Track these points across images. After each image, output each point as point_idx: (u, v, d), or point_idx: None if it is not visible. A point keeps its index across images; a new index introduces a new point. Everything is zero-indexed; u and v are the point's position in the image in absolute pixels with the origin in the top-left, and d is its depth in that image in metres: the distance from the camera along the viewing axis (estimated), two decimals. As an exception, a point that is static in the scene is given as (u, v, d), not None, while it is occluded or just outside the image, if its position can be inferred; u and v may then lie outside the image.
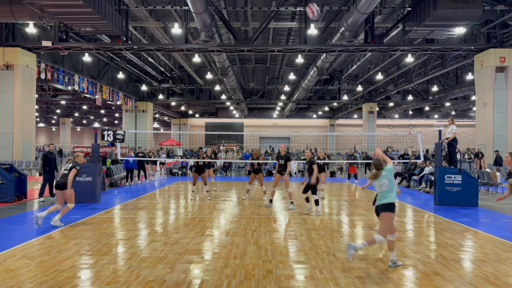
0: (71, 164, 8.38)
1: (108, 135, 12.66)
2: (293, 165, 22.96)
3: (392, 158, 14.86)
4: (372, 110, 39.78)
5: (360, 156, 28.26)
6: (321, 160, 12.58)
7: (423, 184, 14.98)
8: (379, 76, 30.39)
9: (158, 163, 20.85)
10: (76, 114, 52.88)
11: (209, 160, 13.06)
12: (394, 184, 5.52)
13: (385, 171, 5.48)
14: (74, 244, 6.61)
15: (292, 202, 10.65)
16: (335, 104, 44.89)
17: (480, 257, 6.03)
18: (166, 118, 53.97)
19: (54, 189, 8.92)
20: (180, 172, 23.30)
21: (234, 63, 30.40)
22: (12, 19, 15.63)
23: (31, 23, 17.45)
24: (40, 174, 11.98)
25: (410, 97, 37.19)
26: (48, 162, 11.76)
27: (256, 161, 12.26)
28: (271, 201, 11.09)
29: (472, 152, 23.58)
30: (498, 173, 14.78)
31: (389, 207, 5.42)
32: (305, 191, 9.80)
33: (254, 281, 4.90)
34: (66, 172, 8.25)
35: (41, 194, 11.66)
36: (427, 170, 15.01)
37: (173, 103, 41.73)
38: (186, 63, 27.30)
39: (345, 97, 38.62)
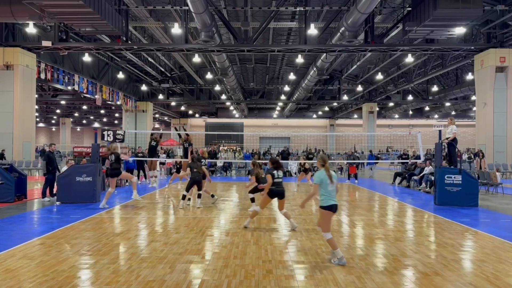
0: (113, 156, 10.62)
1: (108, 135, 12.66)
2: (293, 165, 22.96)
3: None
4: (372, 110, 39.79)
5: (360, 155, 28.26)
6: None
7: (423, 184, 14.98)
8: (379, 76, 30.40)
9: (158, 163, 20.84)
10: (76, 114, 52.89)
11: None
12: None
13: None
14: (74, 244, 6.61)
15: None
16: (335, 104, 44.92)
17: (480, 257, 6.03)
18: (166, 118, 53.97)
19: (107, 178, 10.94)
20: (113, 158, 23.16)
21: (234, 63, 30.41)
22: (12, 19, 15.63)
23: (31, 23, 17.46)
24: (44, 175, 11.95)
25: (410, 97, 37.20)
26: (51, 162, 11.81)
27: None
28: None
29: (472, 152, 23.59)
30: (498, 173, 14.78)
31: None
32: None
33: (254, 281, 4.90)
34: (113, 161, 10.56)
35: (44, 194, 11.67)
36: (427, 170, 15.01)
37: (173, 103, 41.75)
38: (186, 63, 27.30)
39: (345, 97, 38.63)
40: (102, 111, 49.62)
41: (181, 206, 10.62)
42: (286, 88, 37.45)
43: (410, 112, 47.30)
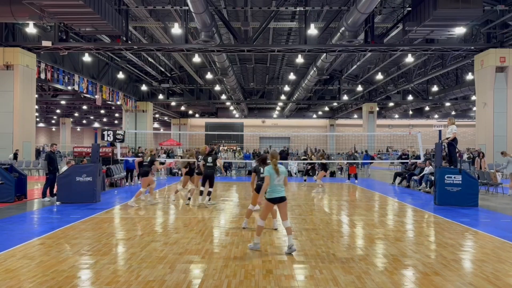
0: (150, 158, 11.06)
1: (108, 135, 12.65)
2: (293, 165, 22.96)
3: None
4: (372, 110, 39.80)
5: (360, 155, 28.26)
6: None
7: (423, 184, 14.98)
8: (379, 76, 30.40)
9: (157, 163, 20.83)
10: (76, 114, 52.89)
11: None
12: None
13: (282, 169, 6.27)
14: (74, 244, 6.61)
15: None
16: (335, 104, 44.92)
17: (480, 257, 6.03)
18: (166, 118, 53.98)
19: (139, 177, 11.38)
20: (180, 172, 23.27)
21: (234, 63, 30.41)
22: (12, 19, 15.62)
23: (31, 23, 17.45)
24: (46, 175, 11.90)
25: (410, 97, 37.20)
26: (52, 162, 11.82)
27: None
28: None
29: (472, 152, 23.59)
30: (498, 173, 14.78)
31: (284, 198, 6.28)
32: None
33: (254, 281, 4.90)
34: (147, 163, 11.05)
35: (44, 194, 11.67)
36: (427, 170, 15.01)
37: (173, 103, 41.76)
38: (186, 63, 27.30)
39: (345, 97, 38.63)
40: (102, 111, 49.62)
41: (202, 202, 10.91)
42: (286, 88, 37.46)
43: (410, 112, 47.31)
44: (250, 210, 7.94)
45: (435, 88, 34.65)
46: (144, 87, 35.00)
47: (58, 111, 49.75)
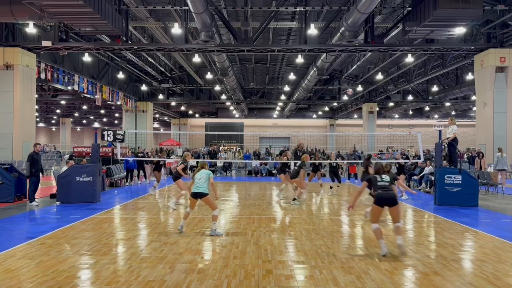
0: (180, 162, 11.02)
1: (108, 135, 12.65)
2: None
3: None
4: (372, 110, 39.79)
5: (361, 155, 28.24)
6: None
7: (423, 184, 14.97)
8: (379, 76, 30.39)
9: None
10: (76, 114, 52.88)
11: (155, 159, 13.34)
12: (207, 180, 7.52)
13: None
14: (74, 244, 6.61)
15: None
16: (335, 104, 44.91)
17: (480, 257, 6.03)
18: (166, 118, 53.97)
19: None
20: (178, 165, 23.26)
21: (234, 63, 30.41)
22: (12, 19, 15.61)
23: (31, 23, 17.44)
24: (28, 177, 11.06)
25: (410, 97, 37.19)
26: (35, 164, 10.91)
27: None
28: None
29: (471, 152, 23.57)
30: (498, 173, 14.78)
31: (205, 194, 7.37)
32: None
33: (254, 281, 4.90)
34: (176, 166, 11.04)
35: (32, 198, 10.84)
36: (427, 170, 15.01)
37: (173, 103, 41.74)
38: (186, 63, 27.30)
39: (345, 97, 38.61)
40: (102, 111, 49.60)
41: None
42: (286, 88, 37.44)
43: (410, 112, 47.29)
44: (379, 230, 6.43)
45: (435, 88, 34.64)
46: (144, 87, 35.00)
47: (58, 111, 49.74)
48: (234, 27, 18.45)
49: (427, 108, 46.16)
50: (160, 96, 37.41)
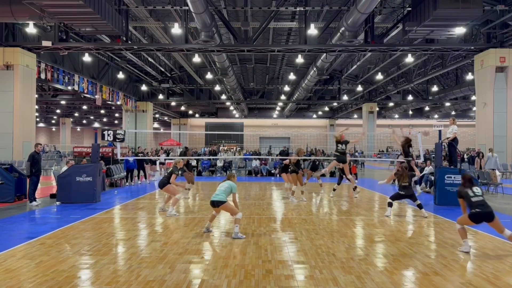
0: (171, 169, 10.03)
1: (108, 135, 12.65)
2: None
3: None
4: (372, 110, 39.81)
5: (361, 155, 28.24)
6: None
7: (423, 184, 14.97)
8: (379, 76, 30.41)
9: (157, 163, 20.86)
10: (76, 114, 52.91)
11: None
12: (229, 193, 7.42)
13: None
14: (74, 244, 6.61)
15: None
16: (335, 104, 44.93)
17: (480, 257, 6.03)
18: (166, 118, 53.98)
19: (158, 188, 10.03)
20: (180, 172, 23.28)
21: (234, 63, 30.41)
22: (12, 19, 15.62)
23: (31, 23, 17.45)
24: (28, 177, 11.10)
25: (410, 97, 37.21)
26: (35, 164, 10.95)
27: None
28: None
29: (471, 152, 23.57)
30: (498, 173, 14.78)
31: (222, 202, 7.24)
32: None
33: (254, 281, 4.90)
34: (166, 174, 10.03)
35: (32, 198, 10.85)
36: (427, 170, 15.01)
37: (173, 103, 41.77)
38: (186, 63, 27.31)
39: (345, 97, 38.64)
40: (102, 111, 49.63)
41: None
42: (286, 88, 37.46)
43: (410, 112, 47.31)
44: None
45: (435, 88, 34.65)
46: (144, 87, 35.01)
47: (58, 111, 49.76)
48: (234, 27, 18.46)
49: (427, 108, 46.18)
50: (160, 96, 37.42)
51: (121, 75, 29.94)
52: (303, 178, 13.00)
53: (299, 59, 24.26)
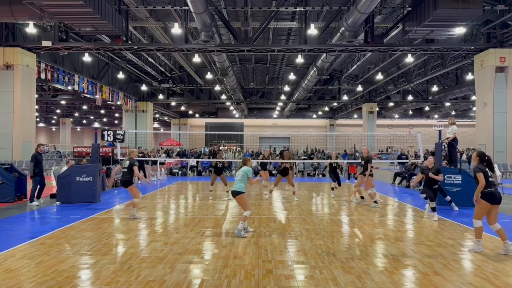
0: (128, 162, 9.03)
1: (108, 135, 12.65)
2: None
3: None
4: (372, 110, 39.81)
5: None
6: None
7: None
8: (379, 76, 30.41)
9: (158, 163, 20.86)
10: (76, 114, 52.91)
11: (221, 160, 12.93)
12: (246, 178, 7.37)
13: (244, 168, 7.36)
14: (74, 244, 6.61)
15: (375, 201, 11.04)
16: (335, 104, 44.93)
17: (480, 257, 6.03)
18: (166, 118, 53.98)
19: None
20: (180, 172, 23.30)
21: (234, 63, 30.41)
22: (12, 19, 15.62)
23: (31, 23, 17.45)
24: (31, 177, 11.14)
25: (410, 97, 37.22)
26: (38, 164, 11.08)
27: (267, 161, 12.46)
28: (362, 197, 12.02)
29: (471, 151, 23.58)
30: (498, 173, 14.76)
31: (239, 192, 7.25)
32: None
33: (254, 281, 4.90)
34: (125, 170, 9.00)
35: (33, 197, 10.92)
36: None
37: (173, 103, 41.77)
38: (186, 63, 27.30)
39: (345, 97, 38.64)
40: (102, 111, 49.63)
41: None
42: (286, 88, 37.46)
43: (410, 112, 47.32)
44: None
45: (435, 88, 34.65)
46: (144, 87, 35.01)
47: (58, 111, 49.77)
48: (234, 27, 18.45)
49: (427, 108, 46.19)
50: (160, 96, 37.42)
51: (121, 75, 29.94)
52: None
53: (299, 59, 24.26)
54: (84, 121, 61.74)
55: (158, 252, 6.15)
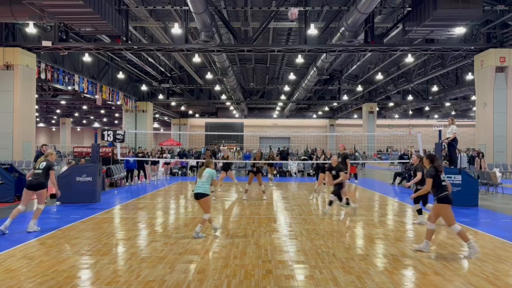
0: (45, 163, 7.71)
1: (108, 135, 12.65)
2: (293, 165, 22.96)
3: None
4: (372, 110, 39.81)
5: (360, 155, 28.25)
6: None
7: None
8: (379, 76, 30.41)
9: (161, 162, 20.86)
10: (76, 114, 52.92)
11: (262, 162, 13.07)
12: (210, 180, 7.32)
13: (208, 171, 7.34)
14: (74, 244, 6.61)
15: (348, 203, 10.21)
16: (335, 104, 44.93)
17: (480, 257, 6.03)
18: (166, 118, 53.98)
19: (25, 189, 7.74)
20: (180, 172, 23.29)
21: (234, 63, 30.41)
22: (12, 19, 15.62)
23: (31, 23, 17.45)
24: None
25: (410, 97, 37.23)
26: None
27: (256, 162, 12.30)
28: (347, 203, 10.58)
29: (471, 151, 23.58)
30: (498, 173, 14.77)
31: (205, 195, 7.17)
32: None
33: (254, 281, 4.90)
34: (40, 171, 7.62)
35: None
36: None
37: (173, 103, 41.77)
38: (186, 63, 27.30)
39: (345, 97, 38.65)
40: (102, 111, 49.64)
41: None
42: (286, 88, 37.47)
43: (410, 112, 47.32)
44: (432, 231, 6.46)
45: (435, 88, 34.66)
46: (144, 87, 35.01)
47: (58, 111, 49.77)
48: (234, 27, 18.45)
49: (427, 108, 46.19)
50: (160, 96, 37.43)
51: (121, 75, 29.94)
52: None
53: (299, 59, 24.26)
54: (84, 121, 61.74)
55: (158, 252, 6.15)
